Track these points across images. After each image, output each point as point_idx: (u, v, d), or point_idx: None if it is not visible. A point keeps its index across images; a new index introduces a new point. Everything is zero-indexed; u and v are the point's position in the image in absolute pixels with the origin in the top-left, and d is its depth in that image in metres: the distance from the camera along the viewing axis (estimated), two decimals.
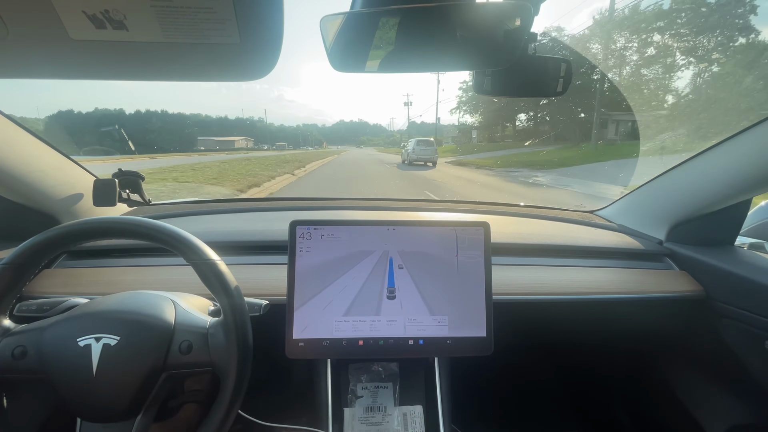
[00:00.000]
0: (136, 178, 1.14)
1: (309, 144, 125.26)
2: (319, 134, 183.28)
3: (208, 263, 0.60)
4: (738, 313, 0.93)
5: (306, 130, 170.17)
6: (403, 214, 1.31)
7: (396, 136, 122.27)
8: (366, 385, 0.87)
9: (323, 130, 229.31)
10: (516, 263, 1.05)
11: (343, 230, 0.78)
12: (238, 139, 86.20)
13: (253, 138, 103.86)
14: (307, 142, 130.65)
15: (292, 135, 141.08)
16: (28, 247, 0.58)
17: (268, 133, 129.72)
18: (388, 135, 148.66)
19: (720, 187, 0.95)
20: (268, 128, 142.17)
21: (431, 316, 0.78)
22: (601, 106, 17.45)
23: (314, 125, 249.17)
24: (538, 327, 1.16)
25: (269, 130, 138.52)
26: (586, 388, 1.48)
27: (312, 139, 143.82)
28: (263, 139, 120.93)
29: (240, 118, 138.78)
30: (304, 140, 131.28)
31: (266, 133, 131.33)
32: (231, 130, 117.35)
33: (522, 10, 0.52)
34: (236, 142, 79.68)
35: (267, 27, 0.37)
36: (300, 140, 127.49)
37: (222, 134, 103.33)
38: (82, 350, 0.55)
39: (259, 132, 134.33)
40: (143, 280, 0.91)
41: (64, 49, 0.38)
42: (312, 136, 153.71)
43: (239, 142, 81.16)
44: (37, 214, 0.98)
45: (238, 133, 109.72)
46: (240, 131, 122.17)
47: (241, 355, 0.58)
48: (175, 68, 0.43)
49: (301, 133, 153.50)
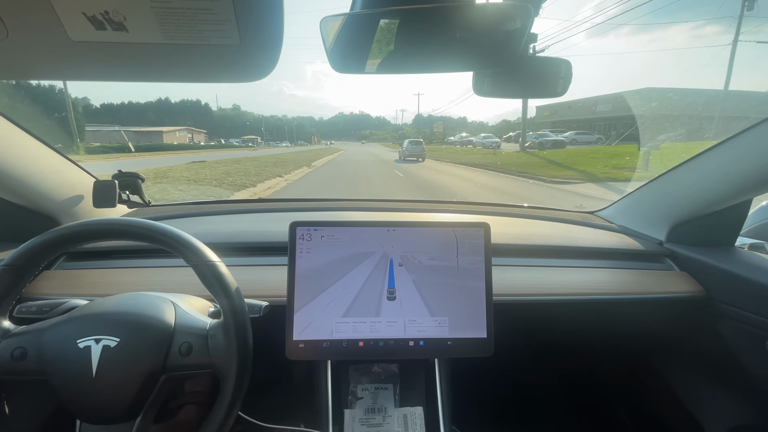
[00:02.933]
0: (136, 180, 1.14)
1: (300, 138, 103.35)
2: (311, 127, 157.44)
3: (208, 264, 0.60)
4: (738, 314, 0.92)
5: (298, 123, 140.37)
6: (403, 215, 1.31)
7: (406, 129, 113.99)
8: (366, 387, 0.86)
9: (319, 123, 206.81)
10: (516, 264, 1.05)
11: (344, 231, 0.78)
12: (172, 130, 54.36)
13: (205, 129, 77.74)
14: (300, 136, 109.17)
15: (276, 127, 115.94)
16: (28, 248, 0.57)
17: (230, 125, 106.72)
18: (395, 128, 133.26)
19: (720, 188, 0.95)
20: (241, 117, 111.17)
21: (431, 317, 0.78)
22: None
23: (310, 118, 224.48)
24: (538, 328, 1.16)
25: (242, 120, 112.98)
26: (587, 389, 1.47)
27: (305, 133, 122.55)
28: (222, 132, 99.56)
29: (186, 101, 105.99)
30: (290, 134, 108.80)
31: (227, 124, 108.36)
32: (177, 119, 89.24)
33: (522, 10, 0.52)
34: (166, 134, 49.49)
35: (267, 28, 0.37)
36: (282, 134, 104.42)
37: (160, 123, 77.28)
38: (81, 352, 0.55)
39: (218, 122, 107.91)
40: (143, 281, 0.90)
41: (64, 50, 0.38)
42: (304, 130, 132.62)
43: (176, 136, 52.38)
44: (37, 216, 0.98)
45: (184, 122, 79.95)
46: (192, 120, 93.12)
47: (241, 356, 0.58)
48: (174, 69, 0.43)
49: (286, 124, 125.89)
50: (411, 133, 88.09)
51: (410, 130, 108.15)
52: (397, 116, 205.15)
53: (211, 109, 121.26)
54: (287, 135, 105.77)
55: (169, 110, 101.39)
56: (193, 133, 60.54)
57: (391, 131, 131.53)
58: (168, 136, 50.12)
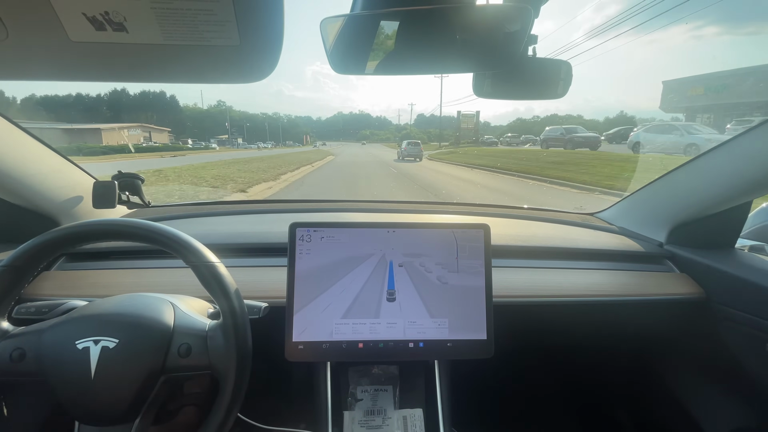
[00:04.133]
0: (135, 180, 1.14)
1: (290, 138, 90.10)
2: (307, 126, 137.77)
3: (207, 265, 0.60)
4: (739, 316, 0.92)
5: (292, 122, 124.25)
6: (403, 216, 1.30)
7: (410, 128, 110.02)
8: (366, 388, 0.86)
9: (317, 123, 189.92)
10: (516, 266, 1.04)
11: (343, 232, 0.78)
12: (118, 127, 38.44)
13: (169, 127, 58.50)
14: (292, 136, 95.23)
15: (265, 126, 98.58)
16: (27, 249, 0.57)
17: (211, 123, 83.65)
18: (399, 128, 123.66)
19: (720, 189, 0.95)
20: (224, 115, 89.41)
21: (431, 318, 0.78)
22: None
23: (307, 117, 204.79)
24: (538, 330, 1.16)
25: (224, 117, 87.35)
26: (587, 391, 1.47)
27: (299, 132, 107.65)
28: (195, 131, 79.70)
29: (147, 93, 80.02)
30: (274, 134, 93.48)
31: (208, 122, 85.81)
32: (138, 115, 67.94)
33: (522, 12, 0.52)
34: (107, 133, 34.06)
35: (267, 29, 0.37)
36: (263, 134, 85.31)
37: (116, 119, 59.91)
38: (80, 353, 0.55)
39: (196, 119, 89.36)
40: (142, 282, 0.90)
41: (64, 51, 0.38)
42: (298, 129, 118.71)
43: (123, 135, 36.08)
44: (37, 217, 0.98)
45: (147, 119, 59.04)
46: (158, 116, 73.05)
47: (240, 358, 0.58)
48: (174, 70, 0.43)
49: (267, 122, 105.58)
50: (416, 132, 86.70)
51: (415, 129, 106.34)
52: (400, 114, 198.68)
53: (177, 104, 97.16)
54: (268, 135, 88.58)
55: (128, 105, 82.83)
56: (150, 131, 46.77)
57: (394, 131, 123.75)
58: (110, 135, 35.72)
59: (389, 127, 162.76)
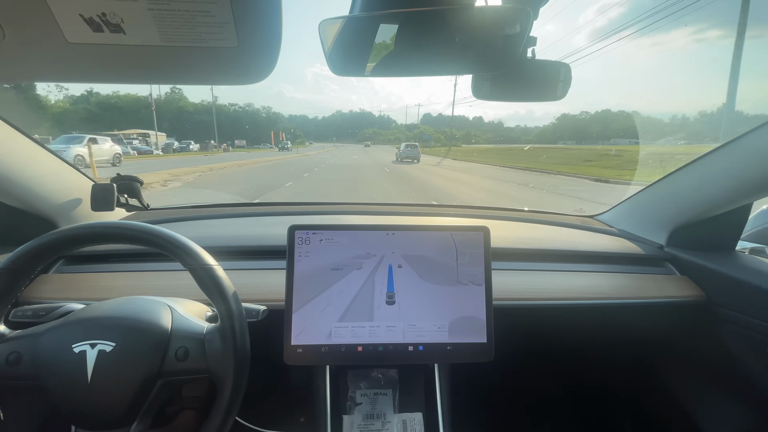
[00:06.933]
0: (134, 183, 1.14)
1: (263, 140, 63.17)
2: (299, 129, 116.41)
3: (205, 268, 0.60)
4: (739, 318, 0.92)
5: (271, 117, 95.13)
6: (402, 218, 1.30)
7: (424, 128, 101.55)
8: (365, 392, 0.85)
9: (314, 122, 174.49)
10: (516, 268, 1.04)
11: (342, 235, 0.78)
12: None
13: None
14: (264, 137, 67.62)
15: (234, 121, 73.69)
16: (25, 251, 0.57)
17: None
18: (410, 127, 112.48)
19: (720, 191, 0.95)
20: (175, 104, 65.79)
21: (431, 321, 0.77)
22: None
23: (303, 116, 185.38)
24: (538, 333, 1.16)
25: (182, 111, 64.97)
26: (588, 394, 1.46)
27: (283, 130, 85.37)
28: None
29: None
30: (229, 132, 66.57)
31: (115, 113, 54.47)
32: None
33: (521, 14, 0.52)
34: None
35: (265, 30, 0.37)
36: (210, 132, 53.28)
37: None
38: (77, 356, 0.54)
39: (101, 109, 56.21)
40: (140, 285, 0.90)
41: (61, 52, 0.37)
42: (281, 126, 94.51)
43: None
44: (35, 219, 0.97)
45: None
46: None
47: (238, 361, 0.58)
48: (172, 71, 0.43)
49: (252, 118, 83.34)
50: (431, 133, 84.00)
51: (429, 128, 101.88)
52: (407, 113, 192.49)
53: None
54: (215, 133, 54.14)
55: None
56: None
57: (403, 130, 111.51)
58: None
59: (393, 126, 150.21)
